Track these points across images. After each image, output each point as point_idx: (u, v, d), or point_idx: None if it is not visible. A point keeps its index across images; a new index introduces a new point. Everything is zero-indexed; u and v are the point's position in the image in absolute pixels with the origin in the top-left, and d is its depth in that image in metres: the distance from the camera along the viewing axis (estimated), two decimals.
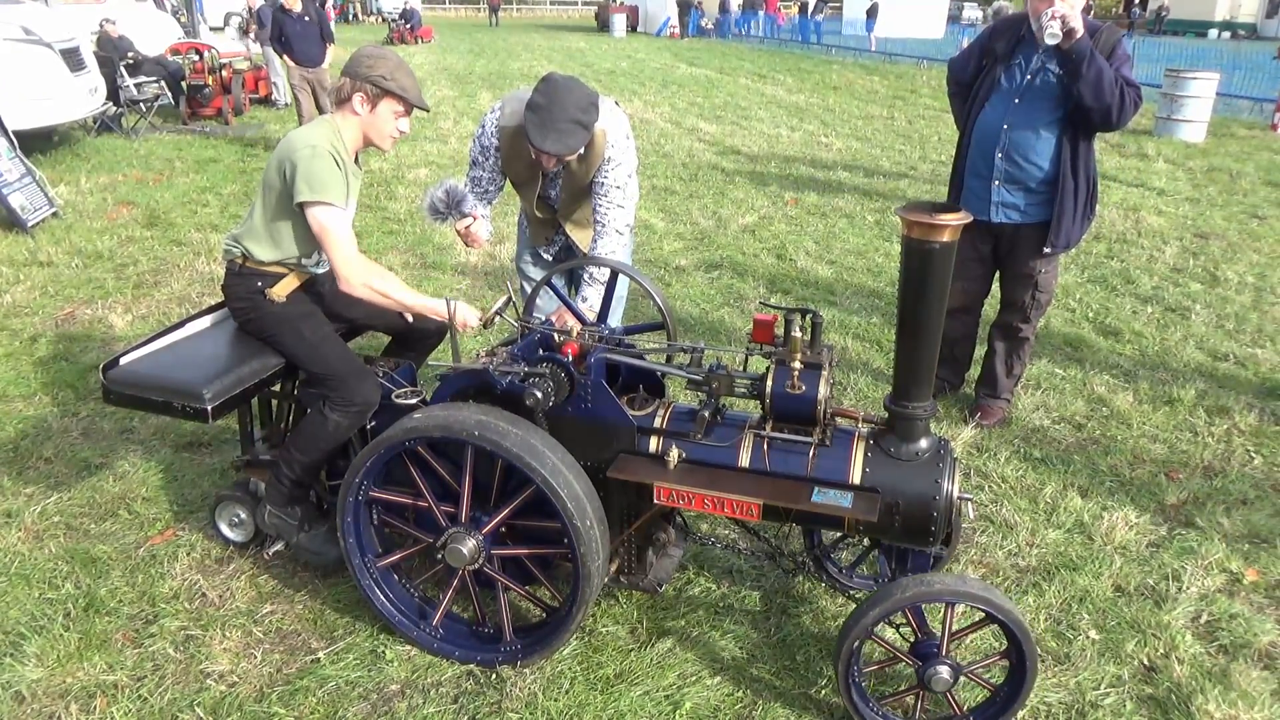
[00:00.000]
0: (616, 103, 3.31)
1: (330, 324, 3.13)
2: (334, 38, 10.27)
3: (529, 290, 3.37)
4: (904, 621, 2.57)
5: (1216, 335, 5.45)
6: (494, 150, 3.33)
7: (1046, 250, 3.95)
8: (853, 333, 5.39)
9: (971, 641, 2.88)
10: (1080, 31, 3.58)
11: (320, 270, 3.17)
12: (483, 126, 3.34)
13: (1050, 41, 3.61)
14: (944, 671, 2.44)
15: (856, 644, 2.47)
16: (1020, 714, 2.64)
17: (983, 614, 2.43)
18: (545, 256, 3.73)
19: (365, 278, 2.88)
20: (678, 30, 34.00)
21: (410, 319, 3.32)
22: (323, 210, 2.82)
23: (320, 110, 9.69)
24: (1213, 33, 32.05)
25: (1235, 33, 32.16)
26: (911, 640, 2.57)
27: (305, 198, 2.80)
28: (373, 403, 2.96)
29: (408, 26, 24.74)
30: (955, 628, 2.51)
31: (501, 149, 3.31)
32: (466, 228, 3.16)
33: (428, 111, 3.21)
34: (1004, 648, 2.47)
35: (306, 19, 9.78)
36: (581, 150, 3.15)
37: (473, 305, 5.71)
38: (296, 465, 3.01)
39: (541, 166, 3.16)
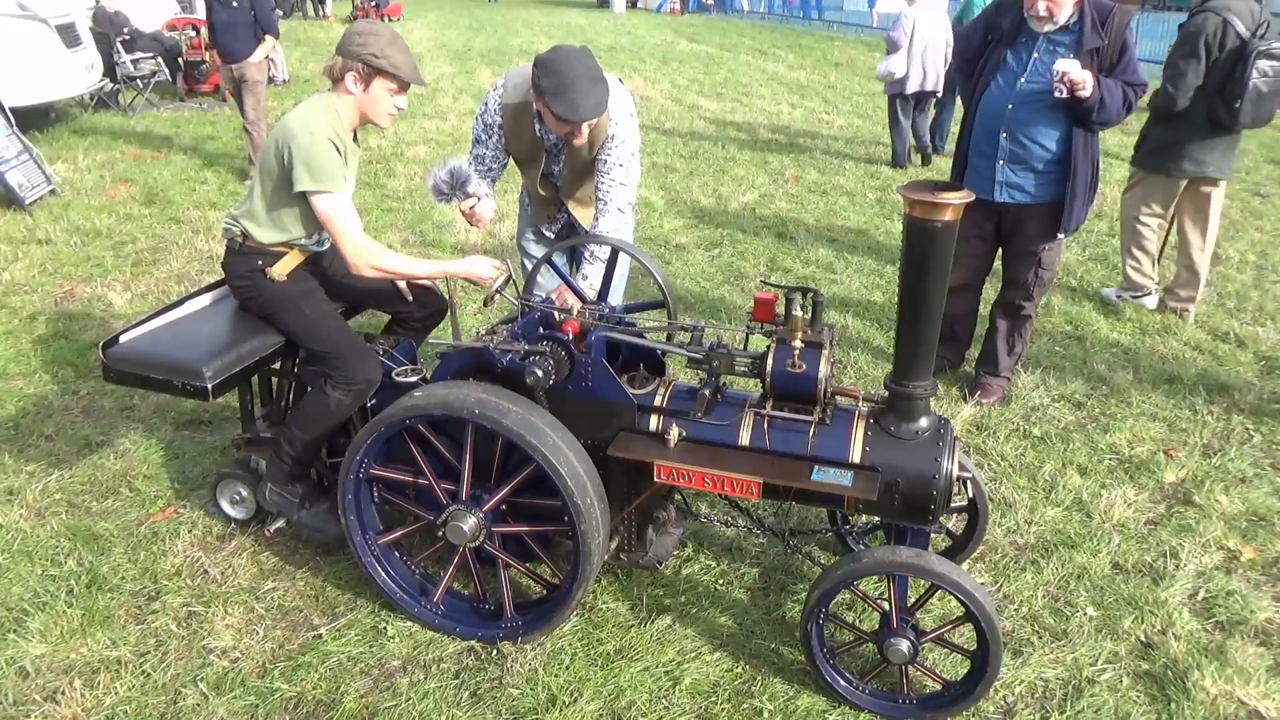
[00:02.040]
0: (620, 80, 3.28)
1: (331, 302, 3.12)
2: (275, 29, 8.26)
3: (530, 269, 3.36)
4: (870, 597, 2.60)
5: (1217, 314, 5.44)
6: (497, 128, 3.30)
7: (1060, 235, 3.95)
8: (853, 311, 5.38)
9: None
10: (1088, 92, 3.60)
11: (321, 248, 3.16)
12: (485, 104, 3.31)
13: (1057, 95, 3.69)
14: (900, 643, 2.48)
15: (810, 627, 2.53)
16: (1018, 689, 2.66)
17: (926, 582, 2.46)
18: (548, 235, 3.71)
19: (371, 260, 2.89)
20: (678, 6, 33.70)
21: (410, 298, 3.31)
22: (324, 199, 2.81)
23: (243, 114, 8.16)
24: None
25: None
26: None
27: (306, 186, 2.79)
28: (374, 381, 2.96)
29: (373, 3, 23.51)
30: (913, 600, 2.59)
31: (505, 126, 3.29)
32: (470, 208, 3.14)
33: (424, 86, 3.17)
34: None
35: (235, 5, 7.91)
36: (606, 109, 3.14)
37: (472, 288, 5.69)
38: (297, 443, 3.01)
39: (575, 140, 3.14)
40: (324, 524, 3.08)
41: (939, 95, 9.06)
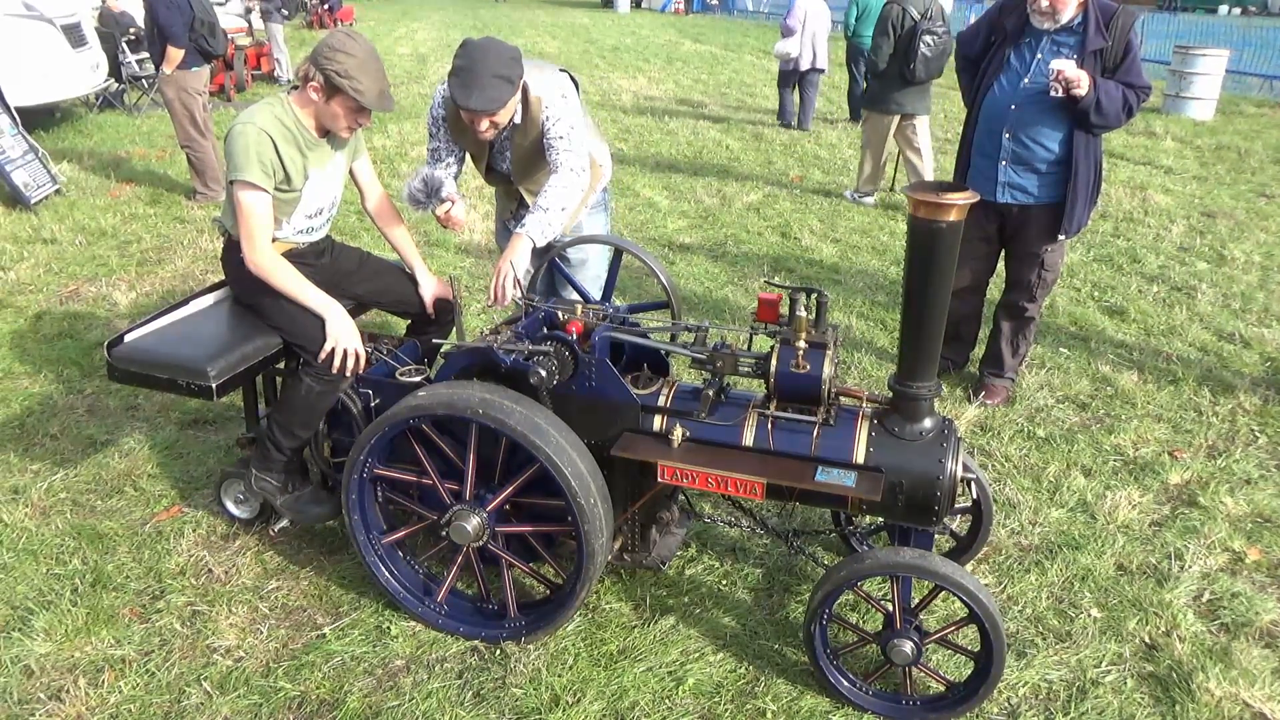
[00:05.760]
0: (561, 69, 3.29)
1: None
2: (175, 38, 6.99)
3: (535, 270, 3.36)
4: (873, 598, 2.59)
5: (1223, 315, 5.43)
6: (442, 120, 3.33)
7: (1061, 237, 3.95)
8: (857, 312, 5.38)
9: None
10: (1084, 91, 3.62)
11: (310, 238, 3.15)
12: (434, 99, 3.34)
13: (1053, 95, 3.71)
14: (903, 644, 2.48)
15: (814, 628, 2.53)
16: (1022, 691, 2.66)
17: (930, 583, 2.46)
18: (512, 229, 3.70)
19: (260, 262, 2.88)
20: (682, 7, 33.69)
21: (431, 311, 3.32)
22: (237, 188, 2.82)
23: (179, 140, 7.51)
24: (1223, 9, 31.66)
25: (1246, 9, 31.76)
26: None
27: (228, 175, 2.82)
28: (344, 373, 2.95)
29: (325, 8, 23.16)
30: (917, 601, 2.59)
31: (448, 119, 3.31)
32: (446, 212, 3.17)
33: (391, 111, 3.12)
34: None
35: (143, 11, 7.21)
36: (515, 113, 3.12)
37: (476, 281, 5.71)
38: (276, 429, 3.04)
39: (479, 133, 3.12)
40: (305, 507, 3.11)
41: (825, 72, 10.80)
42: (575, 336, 2.69)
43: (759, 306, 2.59)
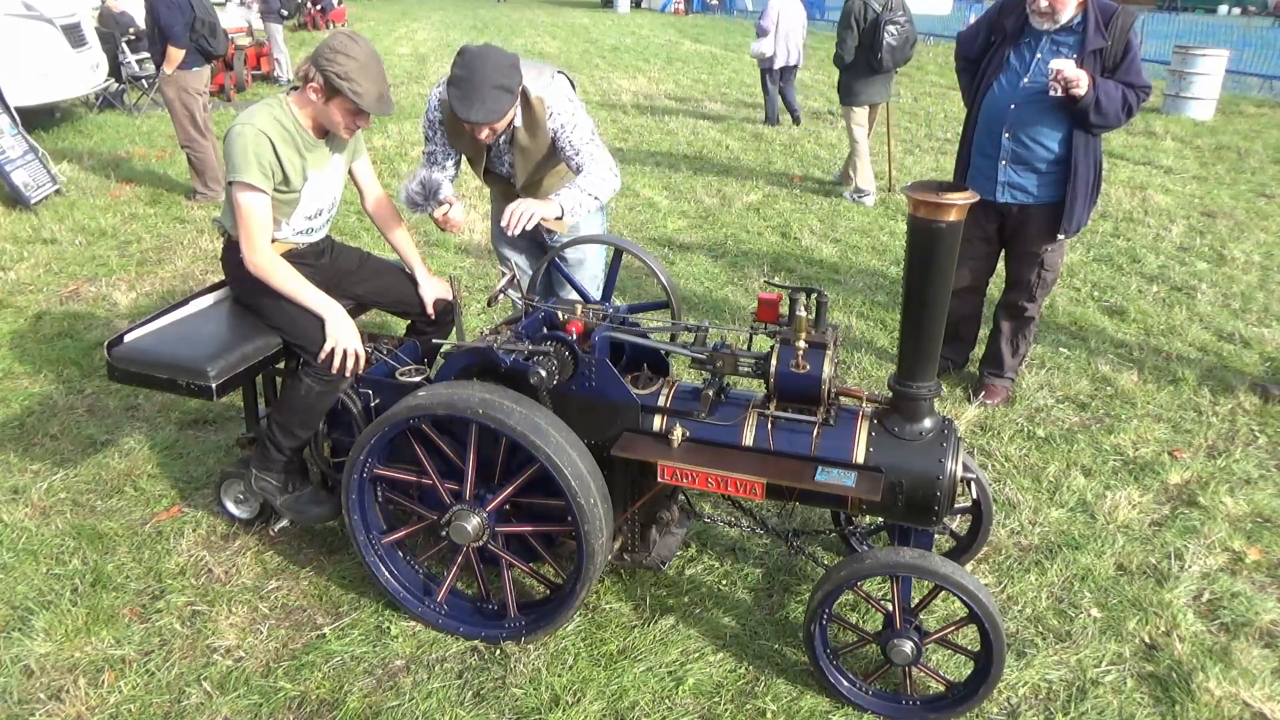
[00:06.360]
0: (560, 71, 3.28)
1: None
2: (176, 38, 6.96)
3: (536, 270, 3.36)
4: (873, 598, 2.60)
5: (1222, 314, 5.43)
6: (439, 124, 3.32)
7: (1060, 237, 3.95)
8: (857, 312, 5.38)
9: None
10: (1084, 90, 3.62)
11: (310, 239, 3.16)
12: (429, 101, 3.33)
13: (1052, 94, 3.71)
14: (903, 644, 2.48)
15: (814, 628, 2.53)
16: (1021, 691, 2.66)
17: (930, 583, 2.47)
18: (508, 234, 3.69)
19: (259, 263, 2.88)
20: (682, 7, 33.69)
21: (432, 312, 3.32)
22: (236, 190, 2.81)
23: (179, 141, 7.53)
24: (1223, 9, 31.69)
25: (1246, 9, 31.80)
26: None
27: (227, 176, 2.82)
28: (344, 374, 2.96)
29: (318, 9, 22.82)
30: (917, 601, 2.59)
31: (445, 122, 3.30)
32: (444, 214, 3.17)
33: (390, 114, 3.08)
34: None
35: (143, 10, 7.15)
36: (516, 119, 3.11)
37: (476, 281, 5.70)
38: (276, 429, 3.04)
39: (478, 139, 3.12)
40: (305, 507, 3.11)
41: (800, 66, 11.06)
42: (575, 336, 2.69)
43: (759, 306, 2.59)
